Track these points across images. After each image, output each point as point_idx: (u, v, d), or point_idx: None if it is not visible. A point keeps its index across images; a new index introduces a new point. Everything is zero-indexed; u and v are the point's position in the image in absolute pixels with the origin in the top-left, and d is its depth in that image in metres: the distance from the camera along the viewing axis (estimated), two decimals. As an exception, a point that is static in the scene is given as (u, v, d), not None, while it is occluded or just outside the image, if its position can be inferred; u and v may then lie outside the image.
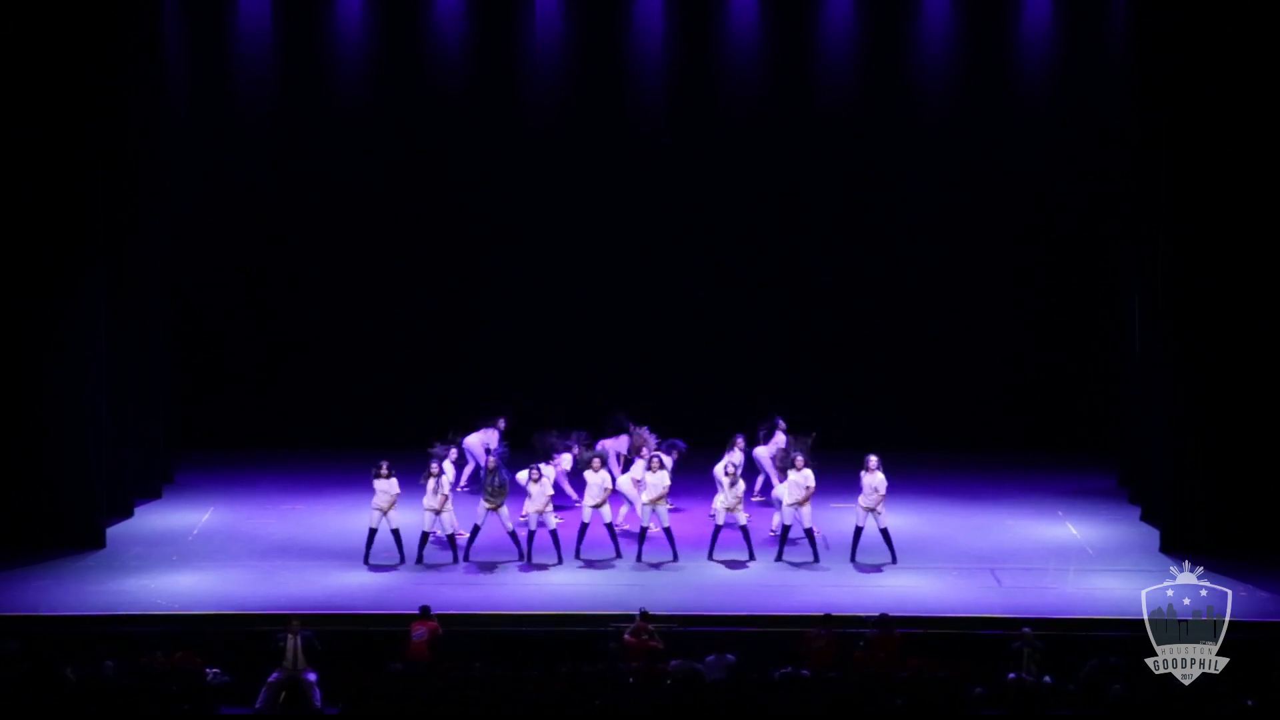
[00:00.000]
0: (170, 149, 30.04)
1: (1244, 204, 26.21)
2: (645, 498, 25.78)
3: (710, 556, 25.92)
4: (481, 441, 28.20)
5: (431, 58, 31.54)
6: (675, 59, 31.56)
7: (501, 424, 28.54)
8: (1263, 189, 26.18)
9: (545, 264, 32.08)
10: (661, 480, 25.74)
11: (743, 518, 25.82)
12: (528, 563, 25.74)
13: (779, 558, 25.84)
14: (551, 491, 25.86)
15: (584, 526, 25.98)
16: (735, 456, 26.74)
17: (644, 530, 25.84)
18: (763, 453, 27.95)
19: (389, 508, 25.65)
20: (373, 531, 25.67)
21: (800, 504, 25.61)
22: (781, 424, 27.75)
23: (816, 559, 25.78)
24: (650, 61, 31.58)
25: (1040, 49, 31.33)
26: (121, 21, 27.47)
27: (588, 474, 26.18)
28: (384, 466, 25.73)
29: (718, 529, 26.01)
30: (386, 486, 25.67)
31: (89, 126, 26.29)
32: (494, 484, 25.68)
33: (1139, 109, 27.82)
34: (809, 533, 25.80)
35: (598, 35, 31.56)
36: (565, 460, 27.36)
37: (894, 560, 25.66)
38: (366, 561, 25.64)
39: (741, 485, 25.98)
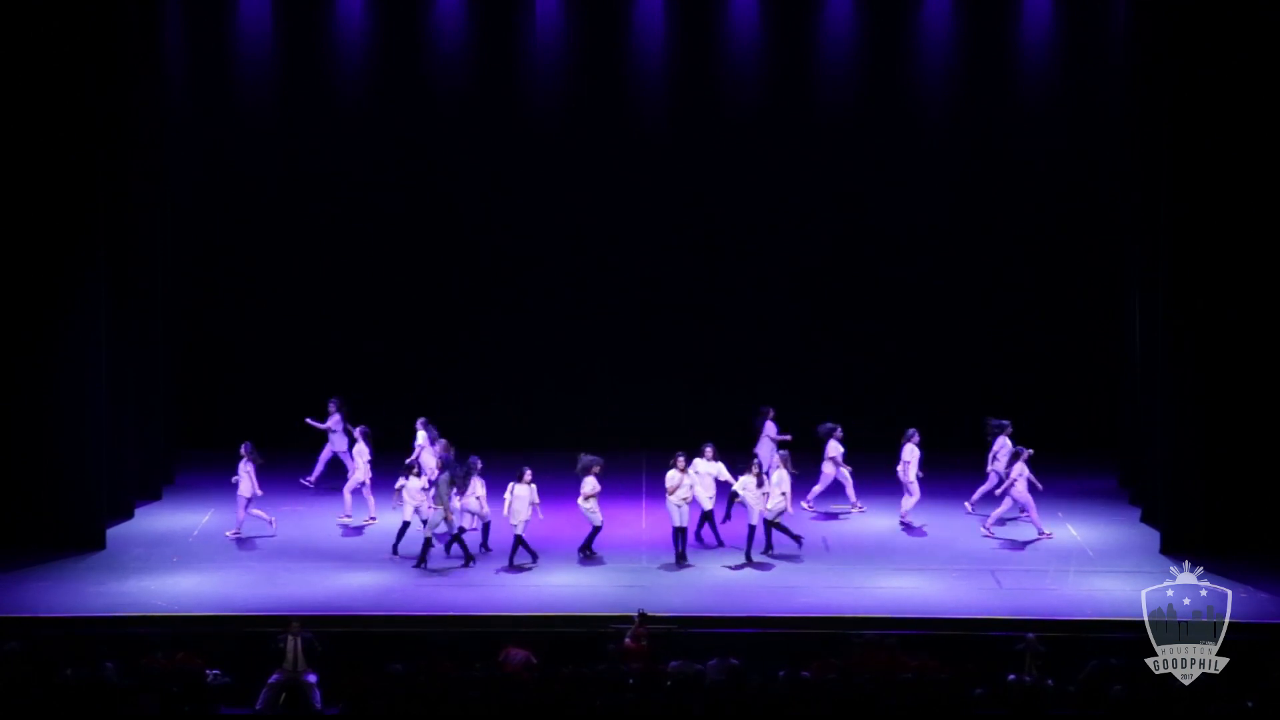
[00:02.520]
0: (171, 149, 30.03)
1: (1244, 204, 26.20)
2: (680, 498, 25.93)
3: (768, 551, 26.15)
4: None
5: (431, 57, 31.50)
6: (676, 59, 31.54)
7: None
8: (1263, 189, 26.18)
9: (546, 263, 32.05)
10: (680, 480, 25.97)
11: (755, 516, 25.94)
12: (509, 565, 25.73)
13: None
14: (537, 500, 25.82)
15: (595, 530, 26.07)
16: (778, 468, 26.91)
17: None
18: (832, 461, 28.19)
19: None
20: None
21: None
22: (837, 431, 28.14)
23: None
24: (651, 62, 31.55)
25: (1041, 49, 31.30)
26: (121, 21, 27.49)
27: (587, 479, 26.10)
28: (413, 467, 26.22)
29: (752, 527, 26.13)
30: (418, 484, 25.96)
31: (89, 126, 26.29)
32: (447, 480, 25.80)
33: (1139, 109, 27.85)
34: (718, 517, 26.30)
35: (598, 35, 31.53)
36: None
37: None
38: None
39: (766, 485, 26.12)
